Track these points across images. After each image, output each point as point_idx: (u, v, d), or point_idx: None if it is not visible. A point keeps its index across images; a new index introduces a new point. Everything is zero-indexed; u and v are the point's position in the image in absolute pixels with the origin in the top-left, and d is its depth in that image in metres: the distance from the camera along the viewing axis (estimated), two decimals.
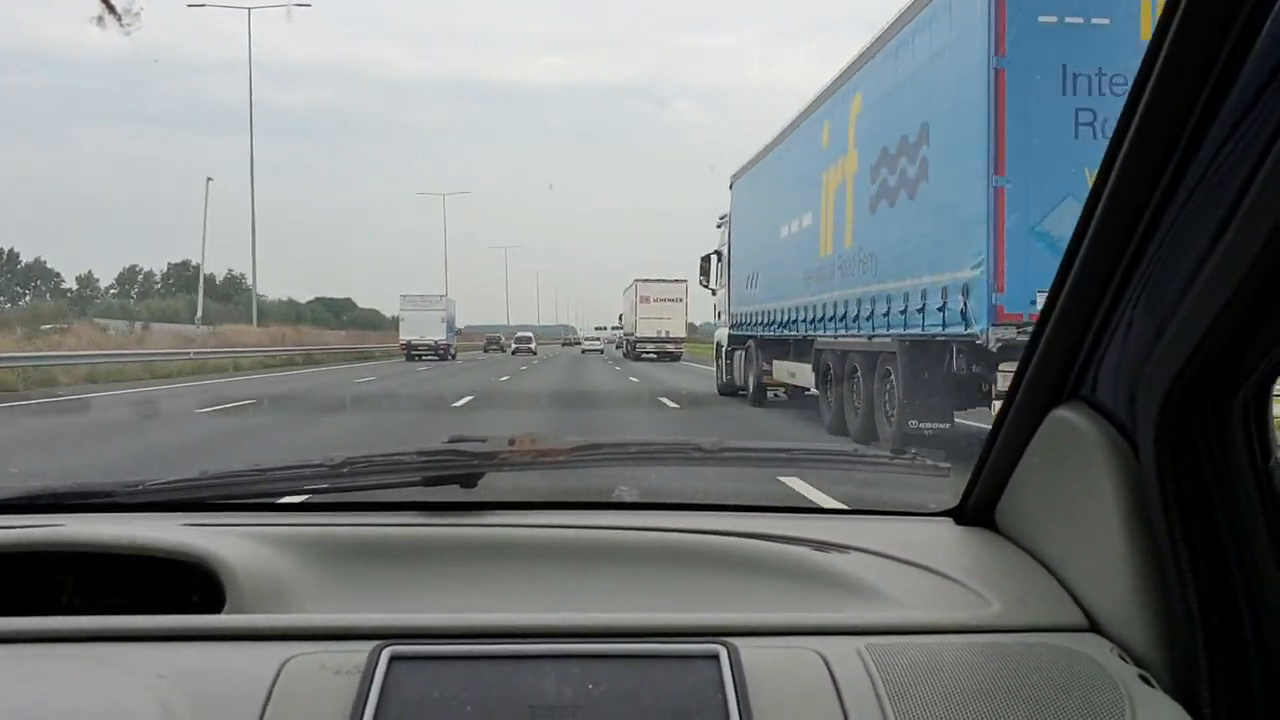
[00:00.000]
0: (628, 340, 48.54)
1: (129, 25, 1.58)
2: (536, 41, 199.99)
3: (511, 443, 1.48)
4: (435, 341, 40.27)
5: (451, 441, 1.50)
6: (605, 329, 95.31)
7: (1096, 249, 0.97)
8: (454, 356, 40.59)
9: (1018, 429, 1.22)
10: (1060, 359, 1.10)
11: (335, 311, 78.99)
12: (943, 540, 1.36)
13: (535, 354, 46.92)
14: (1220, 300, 0.84)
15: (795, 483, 5.53)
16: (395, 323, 47.57)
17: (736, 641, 1.03)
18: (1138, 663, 1.02)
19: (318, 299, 78.07)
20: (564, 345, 72.71)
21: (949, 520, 1.44)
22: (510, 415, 13.27)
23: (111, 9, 1.53)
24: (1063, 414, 1.12)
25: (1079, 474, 1.09)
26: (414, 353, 38.61)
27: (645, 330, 42.53)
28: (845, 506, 1.56)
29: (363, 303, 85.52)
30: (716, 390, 16.31)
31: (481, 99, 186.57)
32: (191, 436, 10.70)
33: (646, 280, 43.31)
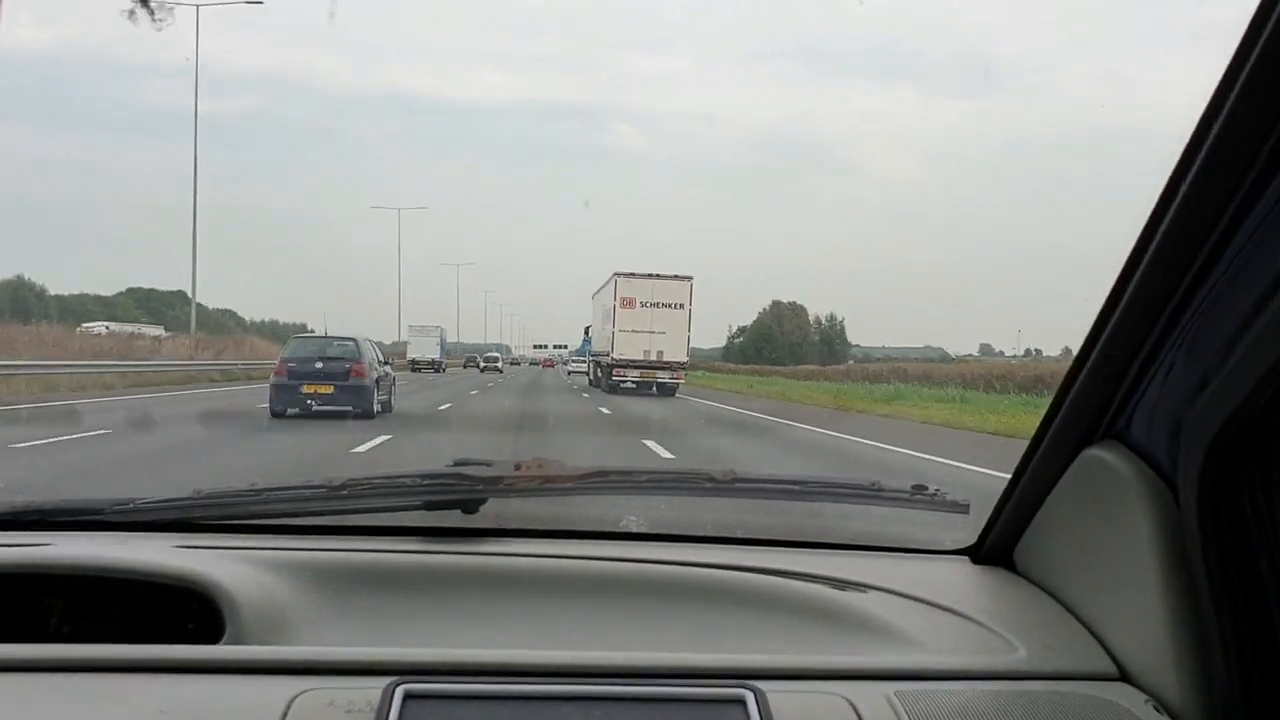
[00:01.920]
0: (598, 363, 39.00)
1: (160, 20, 1.65)
2: (475, 58, 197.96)
3: (517, 467, 1.59)
4: (432, 359, 61.11)
5: (455, 465, 1.62)
6: (546, 347, 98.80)
7: (1145, 286, 1.08)
8: (444, 370, 61.23)
9: (1047, 467, 1.34)
10: (1098, 397, 1.22)
11: (154, 310, 65.56)
12: (961, 579, 1.50)
13: (501, 372, 66.77)
14: (1275, 350, 0.93)
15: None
16: (250, 326, 70.64)
17: (763, 685, 1.13)
18: (1172, 714, 1.13)
19: (130, 290, 70.70)
20: (511, 364, 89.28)
21: (965, 559, 1.58)
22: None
23: (144, 2, 1.58)
24: (1097, 453, 1.24)
25: (1112, 516, 1.20)
26: (416, 367, 56.64)
27: (627, 348, 33.34)
28: (860, 542, 1.69)
29: (219, 302, 79.99)
30: None
31: (417, 112, 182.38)
32: None
33: (631, 275, 33.94)
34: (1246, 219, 0.92)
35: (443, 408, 22.33)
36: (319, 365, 17.71)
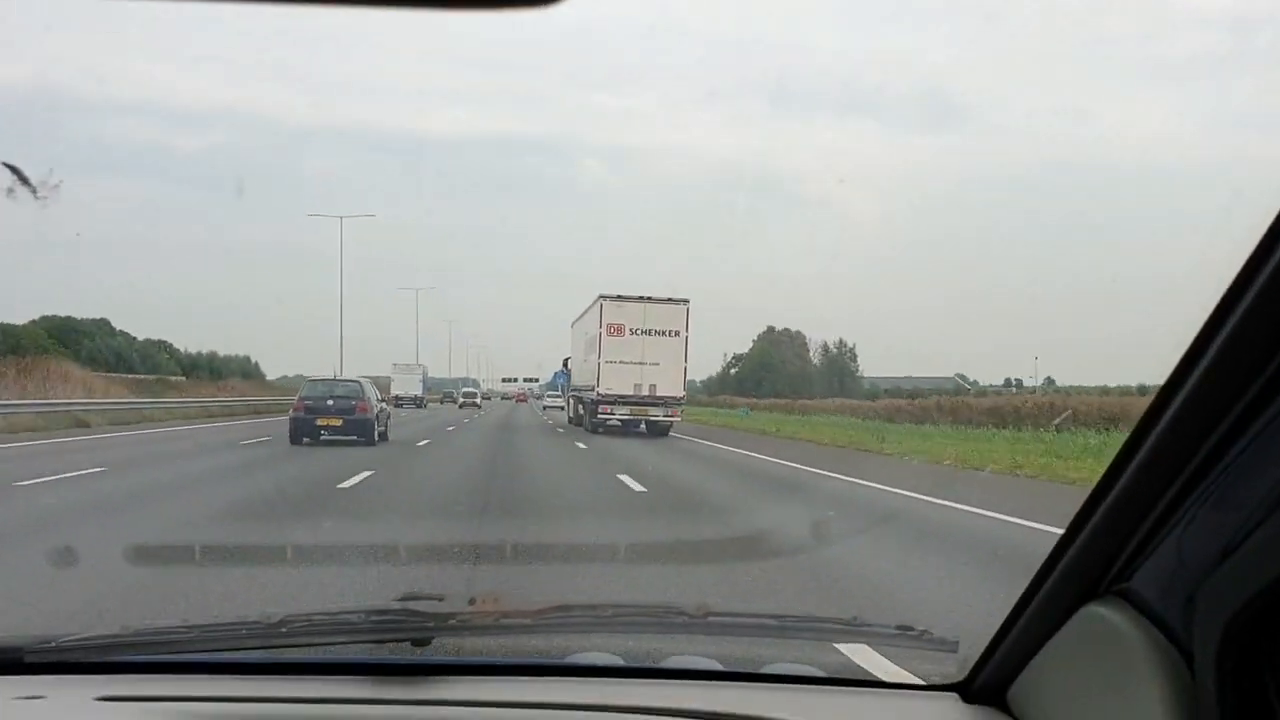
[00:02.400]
0: (580, 399, 35.52)
1: (44, 198, 1.63)
2: (439, 93, 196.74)
3: (471, 602, 1.58)
4: (414, 395, 71.79)
5: (404, 599, 1.55)
6: (515, 380, 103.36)
7: (1172, 437, 1.02)
8: (425, 405, 72.24)
9: (1045, 615, 1.29)
10: (1105, 548, 1.16)
11: (70, 339, 59.32)
12: None
13: (479, 407, 73.32)
14: None
15: None
16: (185, 358, 71.01)
17: None
18: None
19: (43, 318, 63.13)
20: (485, 399, 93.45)
21: (954, 696, 1.50)
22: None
23: (25, 180, 1.57)
24: (1101, 611, 1.18)
25: (1116, 676, 1.15)
26: (399, 403, 64.27)
27: (615, 382, 29.45)
28: (842, 675, 1.58)
29: (152, 332, 75.04)
30: None
31: (378, 145, 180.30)
32: None
33: (620, 298, 30.34)
34: None
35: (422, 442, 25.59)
36: (330, 402, 21.99)
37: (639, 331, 28.99)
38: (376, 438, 22.11)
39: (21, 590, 6.12)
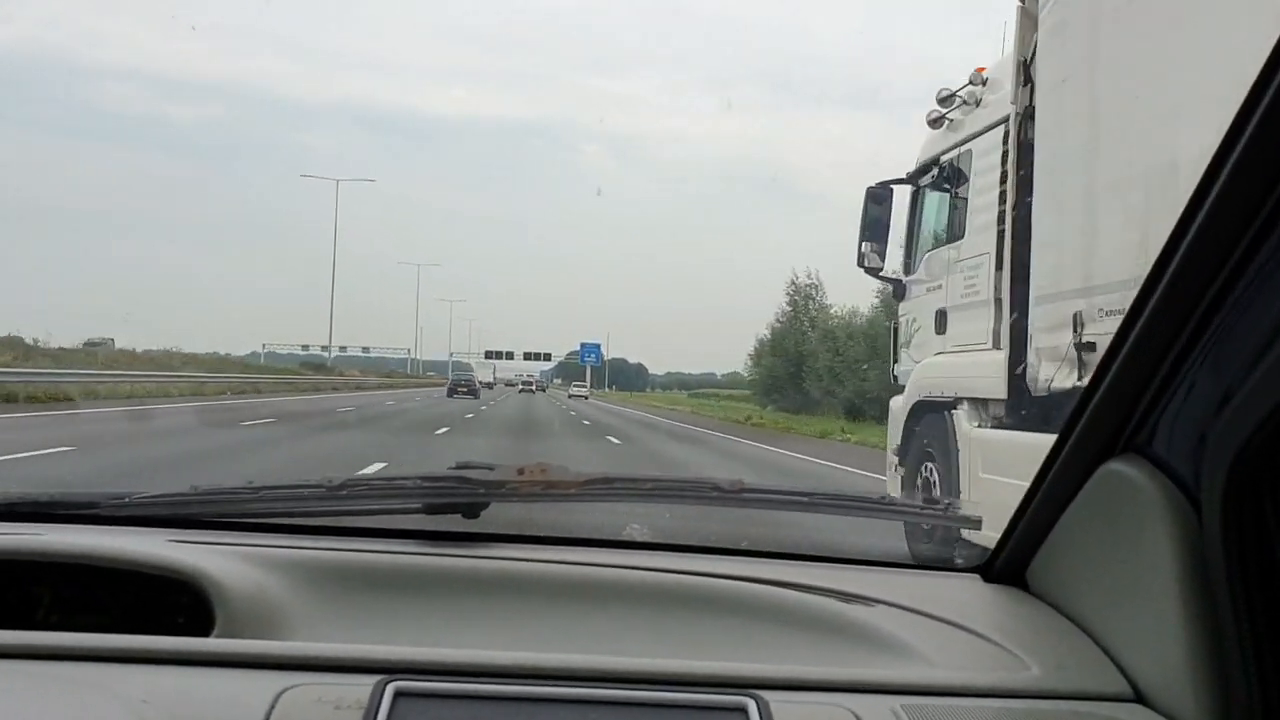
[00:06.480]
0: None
1: None
2: (442, 72, 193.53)
3: (520, 472, 1.64)
4: (488, 381, 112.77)
5: (457, 468, 1.68)
6: (501, 356, 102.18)
7: (1170, 296, 1.13)
8: (494, 387, 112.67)
9: (1063, 482, 1.38)
10: (1118, 409, 1.26)
11: None
12: (972, 597, 1.54)
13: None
14: None
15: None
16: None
17: (765, 695, 1.16)
18: None
19: None
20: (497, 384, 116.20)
21: (976, 577, 1.61)
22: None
23: None
24: (1117, 467, 1.28)
25: (1131, 532, 1.24)
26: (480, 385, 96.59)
27: None
28: (868, 557, 1.71)
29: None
30: None
31: (383, 124, 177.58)
32: None
33: None
34: (1274, 231, 0.96)
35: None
36: (461, 378, 78.39)
37: None
38: (478, 395, 60.02)
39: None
